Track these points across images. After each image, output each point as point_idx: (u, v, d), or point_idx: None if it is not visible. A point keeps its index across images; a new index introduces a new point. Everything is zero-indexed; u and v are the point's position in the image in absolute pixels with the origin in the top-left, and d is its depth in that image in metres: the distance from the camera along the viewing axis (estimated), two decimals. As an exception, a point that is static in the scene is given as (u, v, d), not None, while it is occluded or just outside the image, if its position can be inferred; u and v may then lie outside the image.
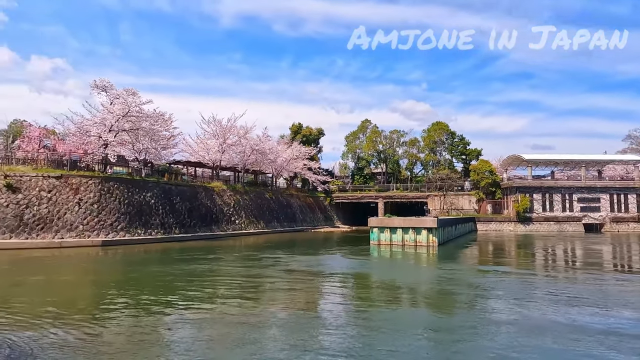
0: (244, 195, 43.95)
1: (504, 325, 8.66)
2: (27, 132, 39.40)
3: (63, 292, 13.08)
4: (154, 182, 33.77)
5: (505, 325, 8.71)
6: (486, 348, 7.22)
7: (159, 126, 36.69)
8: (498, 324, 8.82)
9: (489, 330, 8.32)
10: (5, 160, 31.03)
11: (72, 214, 27.25)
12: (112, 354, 6.86)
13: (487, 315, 9.69)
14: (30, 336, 7.62)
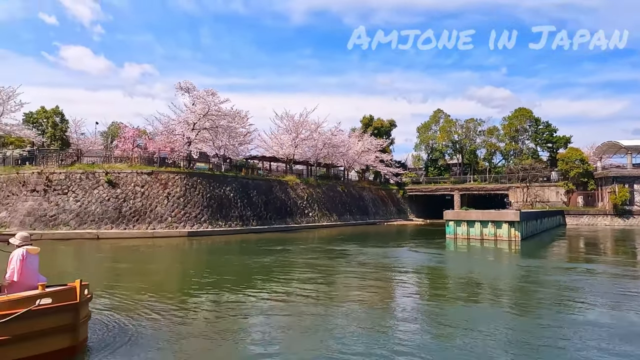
0: (317, 188, 44.75)
1: (594, 329, 7.98)
2: (122, 133, 43.62)
3: (157, 277, 14.41)
4: (232, 177, 35.68)
5: (596, 328, 8.02)
6: (574, 353, 6.72)
7: (236, 123, 38.63)
8: (587, 327, 8.14)
9: (576, 333, 7.73)
10: (106, 159, 34.70)
11: (161, 207, 29.77)
12: (196, 336, 7.47)
13: (574, 317, 8.99)
14: (130, 317, 8.54)
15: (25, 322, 5.61)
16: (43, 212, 28.03)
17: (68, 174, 29.68)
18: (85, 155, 36.19)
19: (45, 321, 5.83)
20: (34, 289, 6.09)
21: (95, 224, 27.89)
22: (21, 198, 28.78)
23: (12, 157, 34.53)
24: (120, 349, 6.71)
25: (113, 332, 7.52)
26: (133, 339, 7.19)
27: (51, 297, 5.88)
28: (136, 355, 6.48)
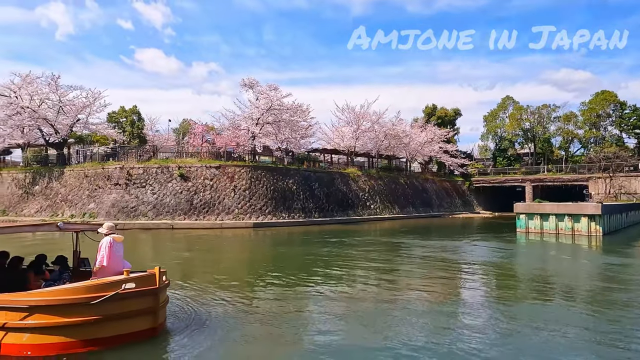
0: (378, 180, 44.35)
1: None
2: (192, 129, 46.16)
3: (226, 266, 15.18)
4: (295, 170, 36.40)
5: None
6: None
7: (298, 117, 39.29)
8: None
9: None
10: (178, 154, 36.95)
11: (229, 199, 31.17)
12: (261, 321, 7.78)
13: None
14: (202, 302, 9.08)
15: (113, 304, 6.18)
16: (125, 203, 30.54)
17: (145, 168, 32.01)
18: (160, 151, 38.83)
19: (129, 304, 6.38)
20: (120, 274, 6.69)
21: (169, 215, 29.88)
22: (106, 191, 31.56)
23: (98, 154, 37.92)
24: (195, 331, 7.16)
25: (188, 315, 8.05)
26: (206, 322, 7.65)
27: (135, 282, 6.42)
28: (209, 337, 6.90)
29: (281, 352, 6.56)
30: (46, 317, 5.95)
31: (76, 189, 32.72)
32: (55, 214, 31.41)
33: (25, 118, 34.70)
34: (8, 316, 5.90)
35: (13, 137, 36.82)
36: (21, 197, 34.24)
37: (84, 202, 31.63)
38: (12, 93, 34.33)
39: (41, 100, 35.61)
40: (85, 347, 6.07)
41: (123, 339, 6.31)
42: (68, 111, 36.28)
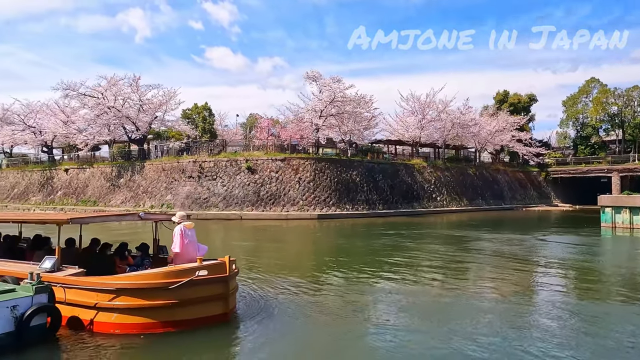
0: (445, 171, 42.84)
1: None
2: (258, 124, 47.64)
3: (292, 255, 15.59)
4: (358, 161, 36.28)
5: None
6: None
7: (361, 108, 39.00)
8: None
9: None
10: (246, 147, 38.39)
11: (294, 190, 31.86)
12: (325, 310, 7.88)
13: None
14: (269, 290, 9.41)
15: (188, 289, 6.61)
16: (198, 195, 32.40)
17: (216, 162, 33.67)
18: (229, 145, 40.59)
19: (202, 290, 6.79)
20: (195, 259, 7.13)
21: (238, 206, 31.23)
22: (181, 183, 33.69)
23: (174, 149, 40.52)
24: (264, 318, 7.45)
25: (256, 303, 8.39)
26: (273, 310, 7.93)
27: (207, 270, 6.81)
28: (277, 324, 7.15)
29: (346, 343, 6.62)
30: (130, 299, 6.51)
31: (155, 181, 35.29)
32: (138, 204, 34.14)
33: (111, 117, 37.95)
34: (99, 297, 6.55)
35: (101, 135, 40.46)
36: (109, 189, 37.63)
37: (162, 194, 34.04)
38: (99, 94, 37.69)
39: (124, 100, 38.71)
40: (164, 328, 6.56)
41: (197, 322, 6.73)
42: (147, 109, 39.11)
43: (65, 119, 41.61)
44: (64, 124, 41.60)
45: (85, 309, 6.60)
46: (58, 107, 41.96)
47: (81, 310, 6.62)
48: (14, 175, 45.43)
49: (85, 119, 40.81)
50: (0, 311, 5.78)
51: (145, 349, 6.18)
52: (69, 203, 37.96)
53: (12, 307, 5.90)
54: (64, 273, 6.94)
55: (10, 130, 46.31)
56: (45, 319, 6.18)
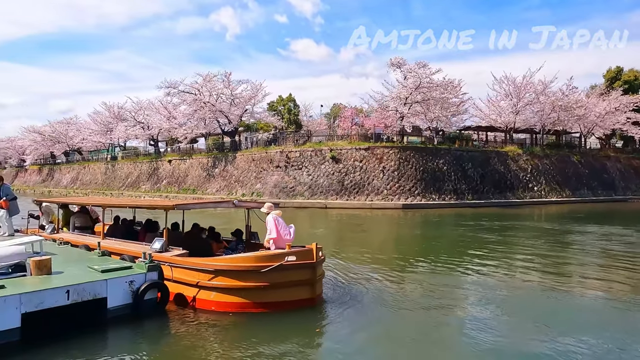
0: (543, 159, 39.34)
1: None
2: (342, 113, 47.93)
3: (376, 245, 15.56)
4: (445, 149, 34.82)
5: None
6: None
7: (449, 94, 37.24)
8: None
9: None
10: (330, 137, 38.90)
11: (378, 180, 31.63)
12: (409, 301, 7.76)
13: None
14: (354, 278, 9.52)
15: (278, 273, 6.96)
16: (285, 184, 33.69)
17: (301, 151, 34.63)
18: (313, 135, 41.47)
19: (291, 274, 7.10)
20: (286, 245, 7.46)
21: (323, 195, 31.87)
22: (269, 173, 35.27)
23: (262, 140, 42.48)
24: (349, 304, 7.58)
25: (342, 289, 8.55)
26: (358, 297, 8.02)
27: (295, 256, 7.10)
28: (363, 311, 7.23)
29: (435, 336, 6.48)
30: (227, 280, 7.04)
31: (245, 171, 37.39)
32: (230, 192, 36.51)
33: (206, 112, 40.87)
34: (200, 276, 7.17)
35: (198, 128, 43.83)
36: (205, 178, 40.73)
37: (252, 183, 35.99)
38: (196, 91, 40.75)
39: (217, 95, 41.40)
40: (256, 309, 6.99)
41: (286, 305, 7.06)
42: (238, 103, 41.43)
43: (167, 114, 45.77)
44: (167, 119, 45.81)
45: (188, 286, 7.28)
46: (162, 104, 46.27)
47: (185, 287, 7.32)
48: (127, 166, 51.21)
49: (185, 114, 44.51)
50: (121, 285, 6.62)
51: (240, 326, 6.64)
52: (172, 191, 41.85)
53: (130, 282, 6.72)
54: (171, 254, 7.71)
55: (124, 126, 52.24)
56: (156, 294, 6.94)
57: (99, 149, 60.78)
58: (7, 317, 5.52)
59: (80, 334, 6.10)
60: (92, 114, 59.78)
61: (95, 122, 58.16)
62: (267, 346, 5.81)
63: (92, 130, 58.04)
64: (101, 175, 54.06)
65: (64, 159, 66.81)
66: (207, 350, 5.80)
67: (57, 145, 64.49)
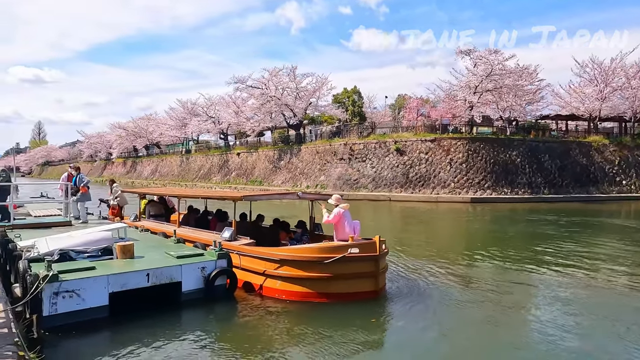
0: (635, 150, 35.55)
1: None
2: (407, 104, 46.77)
3: (441, 239, 15.11)
4: (519, 140, 32.74)
5: None
6: None
7: (524, 81, 34.90)
8: None
9: None
10: (394, 129, 38.19)
11: (444, 172, 30.57)
12: (476, 301, 7.43)
13: None
14: (418, 273, 9.32)
15: (340, 264, 7.01)
16: (348, 176, 33.72)
17: (365, 144, 34.40)
18: (377, 127, 40.96)
19: (354, 266, 7.13)
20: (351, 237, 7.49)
21: (387, 188, 31.46)
22: (333, 165, 35.48)
23: (326, 132, 42.80)
24: (413, 299, 7.46)
25: (405, 283, 8.42)
26: (422, 291, 7.87)
27: (358, 248, 7.10)
28: (426, 306, 7.07)
29: (503, 339, 6.17)
30: (291, 270, 7.23)
31: (310, 163, 37.94)
32: (295, 184, 37.28)
33: (273, 105, 41.97)
34: (267, 265, 7.43)
35: (264, 122, 45.19)
36: (271, 170, 41.96)
37: (316, 175, 36.46)
38: (263, 85, 41.97)
39: (283, 89, 42.31)
40: (319, 298, 7.11)
41: (348, 296, 7.11)
42: (303, 96, 42.04)
43: (236, 109, 47.68)
44: (235, 114, 47.75)
45: (255, 274, 7.58)
46: (231, 99, 48.28)
47: (252, 275, 7.63)
48: (200, 159, 54.20)
49: (252, 108, 46.04)
50: (194, 271, 7.06)
51: (304, 314, 6.80)
52: (240, 182, 43.65)
53: (202, 268, 7.14)
54: (239, 242, 8.07)
55: (197, 121, 55.28)
56: (225, 281, 7.31)
57: (175, 142, 64.92)
58: (97, 295, 6.12)
59: (159, 313, 6.61)
60: (169, 110, 64.04)
61: (171, 117, 62.18)
62: (329, 335, 5.90)
63: (169, 126, 62.14)
64: (177, 168, 57.76)
65: (144, 153, 72.25)
66: (272, 335, 6.02)
67: (138, 139, 69.85)
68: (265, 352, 5.42)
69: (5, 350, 4.12)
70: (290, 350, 5.46)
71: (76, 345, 5.53)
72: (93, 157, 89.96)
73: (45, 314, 5.71)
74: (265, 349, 5.52)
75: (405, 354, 5.51)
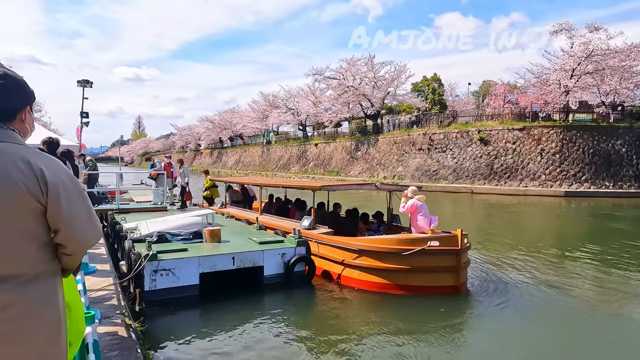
0: None
1: None
2: (493, 90, 43.89)
3: (529, 236, 14.07)
4: (625, 128, 29.25)
5: None
6: None
7: (632, 61, 30.93)
8: None
9: None
10: (478, 117, 36.16)
11: (534, 163, 28.34)
12: (573, 304, 6.80)
13: None
14: (502, 270, 8.79)
15: (419, 257, 6.86)
16: (427, 167, 32.69)
17: (446, 133, 33.04)
18: (459, 115, 39.07)
19: (433, 260, 6.93)
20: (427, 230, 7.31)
21: (469, 179, 29.99)
22: (411, 155, 34.62)
23: (404, 122, 41.83)
24: (497, 297, 7.07)
25: (489, 280, 8.00)
26: (507, 290, 7.41)
27: (439, 241, 6.88)
28: (510, 305, 6.66)
29: (601, 343, 5.62)
30: (369, 260, 7.22)
31: (387, 154, 37.41)
32: (372, 175, 37.05)
33: (350, 96, 41.92)
34: (345, 255, 7.51)
35: (342, 112, 45.34)
36: (348, 160, 42.10)
37: (393, 166, 35.87)
38: (340, 76, 42.05)
39: (361, 79, 42.03)
40: (397, 290, 7.03)
41: (427, 290, 6.93)
42: (380, 85, 41.43)
43: (314, 100, 48.40)
44: (314, 105, 48.49)
45: (333, 263, 7.71)
46: (310, 90, 49.11)
47: (330, 264, 7.76)
48: (280, 150, 56.07)
49: (330, 99, 46.43)
50: (274, 256, 7.37)
51: (381, 305, 6.78)
52: (317, 173, 44.44)
53: (282, 254, 7.42)
54: (318, 231, 8.24)
55: (277, 113, 57.15)
56: (304, 268, 7.53)
57: (256, 134, 67.84)
58: (190, 275, 6.66)
59: (242, 295, 7.01)
60: (251, 102, 66.96)
61: (254, 110, 64.98)
62: (407, 328, 5.82)
63: (251, 118, 65.03)
64: (258, 158, 60.38)
65: (229, 144, 76.49)
66: (349, 323, 6.09)
67: (223, 131, 74.07)
68: (341, 341, 5.50)
69: (115, 319, 4.66)
70: (366, 341, 5.47)
71: (171, 319, 6.07)
72: (184, 148, 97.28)
73: (146, 289, 6.34)
74: (341, 337, 5.60)
75: (483, 355, 5.26)
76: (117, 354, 3.84)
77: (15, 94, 1.67)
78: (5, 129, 1.61)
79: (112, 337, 4.20)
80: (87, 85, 15.88)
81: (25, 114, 1.72)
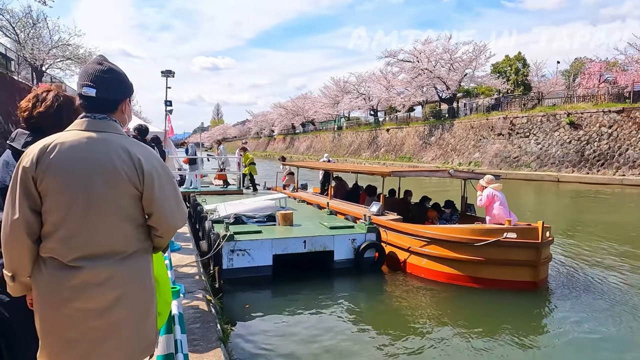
0: None
1: None
2: (586, 69, 39.71)
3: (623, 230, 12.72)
4: None
5: None
6: None
7: None
8: None
9: None
10: (567, 99, 33.06)
11: (634, 150, 25.41)
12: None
13: None
14: (589, 266, 8.09)
15: (494, 249, 6.54)
16: (507, 154, 30.73)
17: (529, 117, 30.71)
18: (545, 97, 36.03)
19: (509, 252, 6.56)
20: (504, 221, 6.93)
21: (555, 167, 27.73)
22: (490, 141, 32.73)
23: (483, 105, 39.53)
24: (576, 294, 6.56)
25: (572, 278, 7.44)
26: (591, 289, 6.84)
27: (516, 233, 6.50)
28: (595, 307, 6.12)
29: None
30: (439, 249, 7.04)
31: (463, 139, 35.73)
32: (446, 161, 35.68)
33: (424, 78, 40.47)
34: (412, 242, 7.40)
35: (415, 96, 43.99)
36: (421, 146, 40.92)
37: (469, 152, 34.21)
38: (414, 58, 40.69)
39: (436, 61, 40.33)
40: (468, 282, 6.79)
41: (502, 284, 6.61)
42: (457, 67, 39.44)
43: (387, 84, 47.46)
44: (386, 89, 47.59)
45: (401, 250, 7.63)
46: (382, 74, 48.20)
47: (398, 251, 7.69)
48: (350, 135, 56.01)
49: (403, 82, 45.23)
50: (345, 242, 7.48)
51: (451, 296, 6.61)
52: (389, 159, 43.80)
53: (352, 240, 7.51)
54: (387, 217, 8.19)
55: (348, 98, 56.96)
56: (373, 254, 7.56)
57: (327, 120, 68.32)
58: (263, 256, 7.00)
59: (313, 278, 7.22)
60: (322, 88, 67.35)
61: (325, 96, 65.35)
62: (478, 322, 5.64)
63: (323, 104, 65.51)
64: (329, 143, 60.90)
65: (301, 130, 77.99)
66: (418, 314, 6.02)
67: (296, 117, 75.57)
68: (409, 332, 5.47)
69: (197, 294, 5.08)
70: (435, 335, 5.38)
71: (247, 297, 6.45)
72: (259, 134, 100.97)
73: (224, 267, 6.79)
74: (409, 328, 5.57)
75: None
76: (199, 326, 4.19)
77: (119, 87, 1.84)
78: (108, 120, 1.78)
79: (195, 310, 4.58)
80: (170, 75, 16.96)
81: (125, 105, 1.90)
